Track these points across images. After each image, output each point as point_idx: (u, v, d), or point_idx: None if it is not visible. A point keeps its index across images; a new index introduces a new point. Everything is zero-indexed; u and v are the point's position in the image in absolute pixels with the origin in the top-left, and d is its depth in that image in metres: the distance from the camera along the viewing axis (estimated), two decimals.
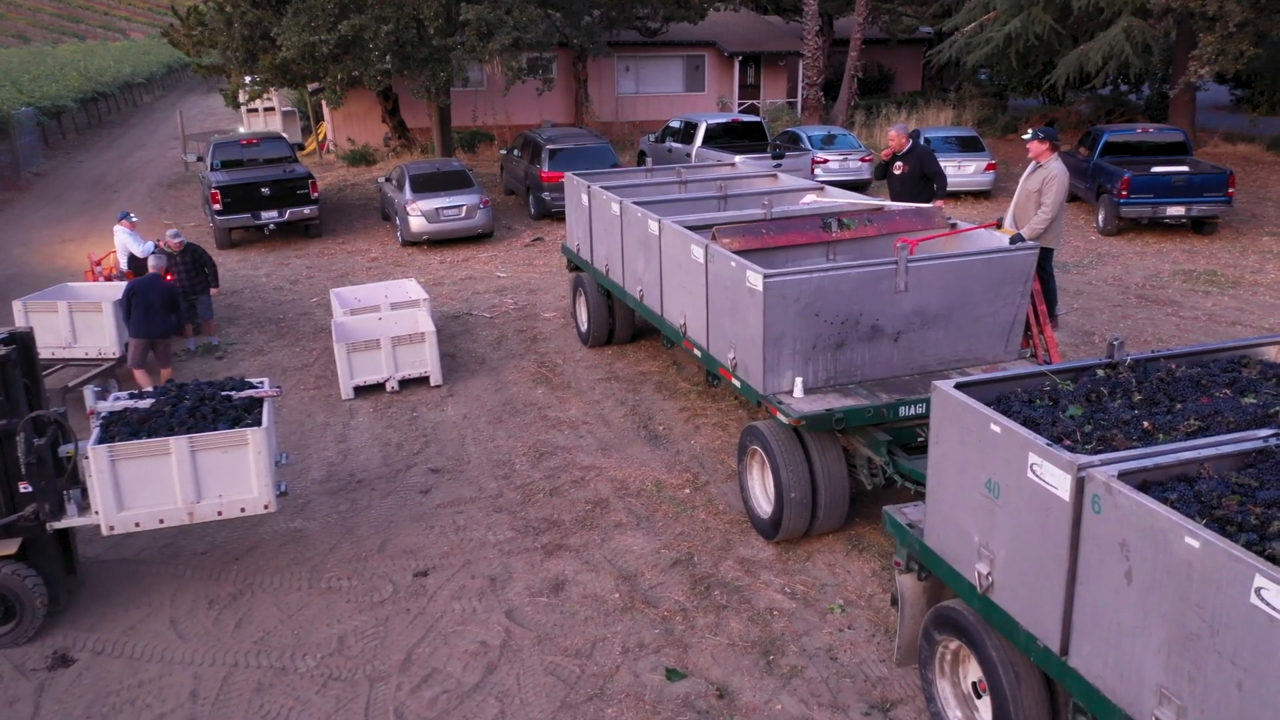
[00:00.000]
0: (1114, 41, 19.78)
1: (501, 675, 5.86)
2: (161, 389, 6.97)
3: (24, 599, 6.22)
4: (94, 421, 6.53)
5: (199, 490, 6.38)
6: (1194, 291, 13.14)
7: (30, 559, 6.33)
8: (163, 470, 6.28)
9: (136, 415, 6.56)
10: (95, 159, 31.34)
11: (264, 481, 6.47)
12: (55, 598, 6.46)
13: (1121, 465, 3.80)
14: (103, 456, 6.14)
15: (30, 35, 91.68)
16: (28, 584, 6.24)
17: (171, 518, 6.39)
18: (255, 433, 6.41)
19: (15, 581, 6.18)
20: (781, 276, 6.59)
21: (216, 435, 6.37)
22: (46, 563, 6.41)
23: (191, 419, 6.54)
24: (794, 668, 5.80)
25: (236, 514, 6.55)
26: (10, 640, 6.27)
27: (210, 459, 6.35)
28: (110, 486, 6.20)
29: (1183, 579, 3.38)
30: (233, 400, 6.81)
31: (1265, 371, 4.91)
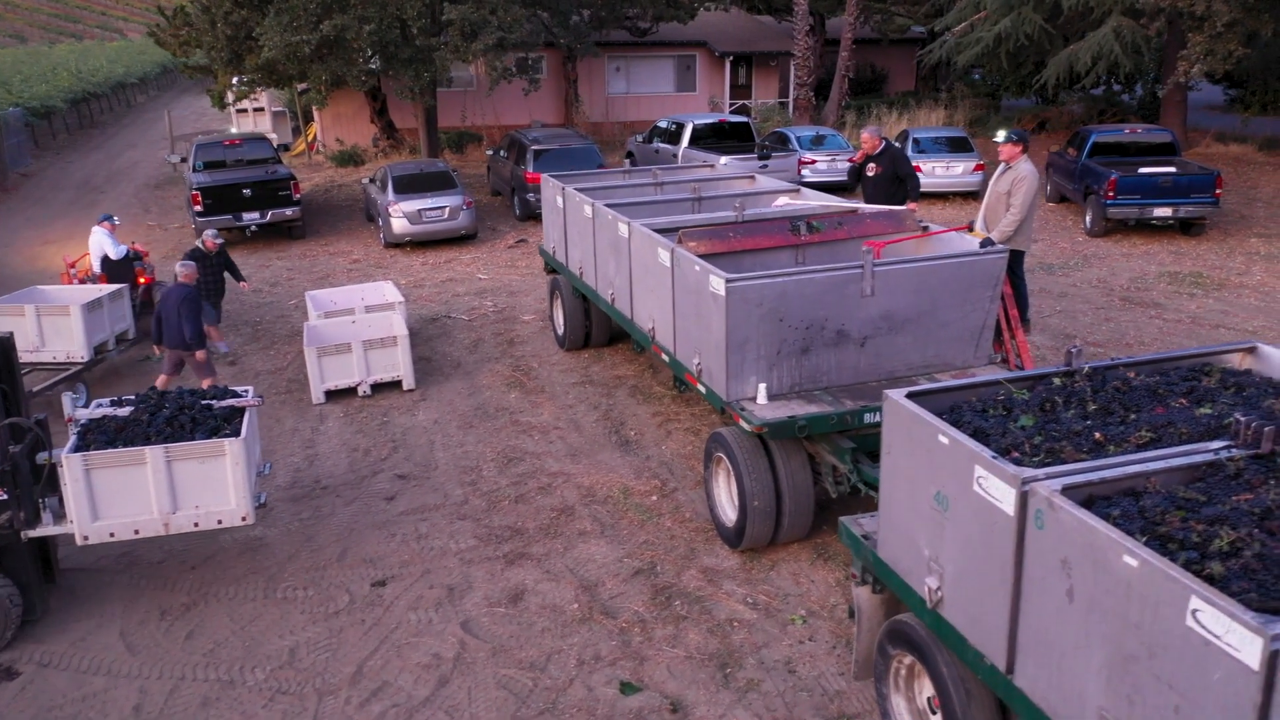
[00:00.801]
0: (1103, 41, 19.67)
1: (453, 688, 5.74)
2: (143, 396, 6.86)
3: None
4: (72, 429, 6.44)
5: (175, 501, 6.27)
6: (1179, 294, 13.02)
7: (5, 567, 6.25)
8: (138, 480, 6.17)
9: (114, 423, 6.46)
10: (85, 160, 31.22)
11: (242, 493, 6.35)
12: (31, 606, 6.37)
13: (1066, 479, 3.68)
14: (77, 465, 6.04)
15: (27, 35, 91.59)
16: (1, 592, 6.15)
17: (147, 528, 6.28)
18: (233, 443, 6.28)
19: None
20: (744, 281, 6.47)
21: (193, 445, 6.26)
22: (22, 570, 6.31)
23: (169, 428, 6.43)
24: (751, 681, 5.68)
25: (213, 525, 6.42)
26: None
27: (187, 469, 6.24)
28: (85, 496, 6.10)
29: (1122, 599, 3.26)
30: (213, 410, 6.69)
31: (1225, 380, 4.79)
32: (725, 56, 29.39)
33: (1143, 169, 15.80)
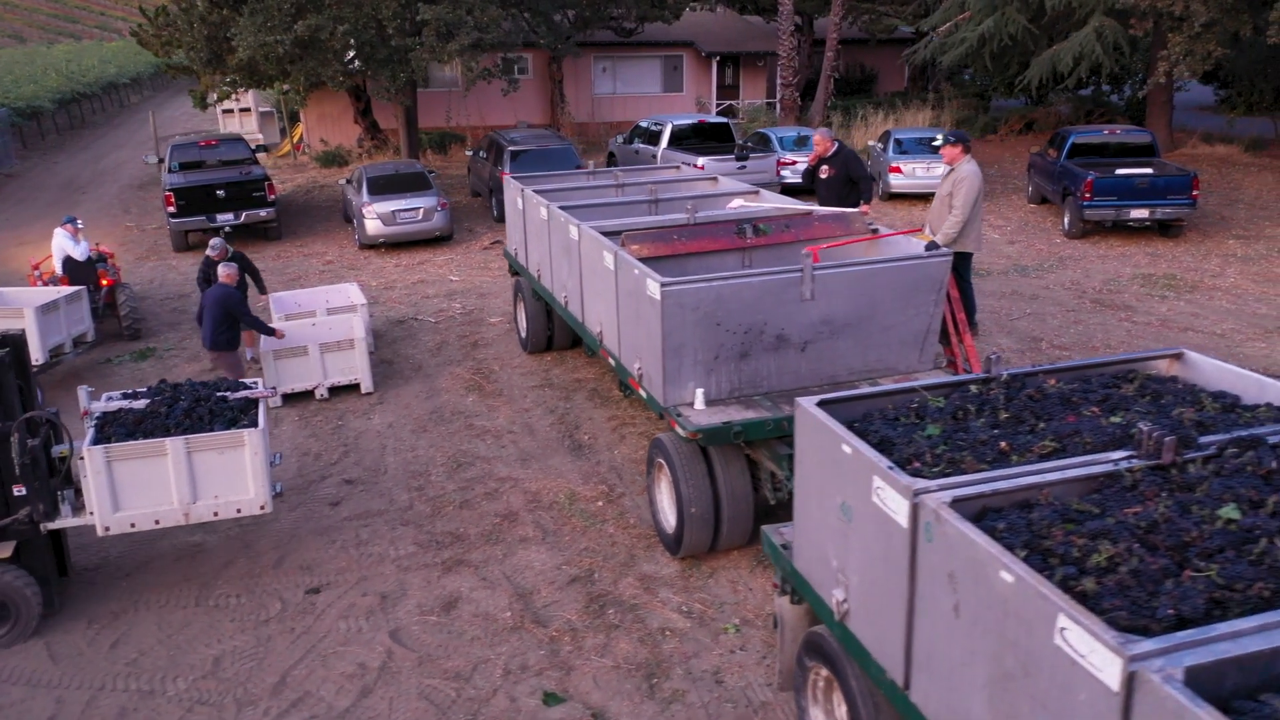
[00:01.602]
0: (1084, 42, 19.57)
1: (375, 699, 5.66)
2: (156, 389, 6.94)
3: (19, 602, 6.19)
4: (88, 422, 6.50)
5: (195, 491, 6.37)
6: (1150, 296, 12.92)
7: (24, 562, 6.31)
8: (159, 471, 6.25)
9: (132, 416, 6.53)
10: (71, 160, 31.16)
11: (260, 482, 6.46)
12: (49, 600, 6.43)
13: (957, 491, 3.59)
14: (99, 457, 6.12)
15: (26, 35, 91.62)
16: (23, 587, 6.19)
17: (167, 518, 6.39)
18: (252, 434, 6.40)
19: (10, 585, 6.15)
20: (679, 285, 6.38)
21: (213, 436, 6.37)
22: (41, 565, 6.39)
23: (188, 420, 6.52)
24: (676, 691, 5.60)
25: (232, 515, 6.54)
26: (6, 642, 6.23)
27: (207, 460, 6.34)
28: (106, 487, 6.19)
29: (999, 615, 3.18)
30: (228, 401, 6.78)
31: (1144, 388, 4.70)
32: (712, 57, 29.30)
33: (1120, 170, 15.71)
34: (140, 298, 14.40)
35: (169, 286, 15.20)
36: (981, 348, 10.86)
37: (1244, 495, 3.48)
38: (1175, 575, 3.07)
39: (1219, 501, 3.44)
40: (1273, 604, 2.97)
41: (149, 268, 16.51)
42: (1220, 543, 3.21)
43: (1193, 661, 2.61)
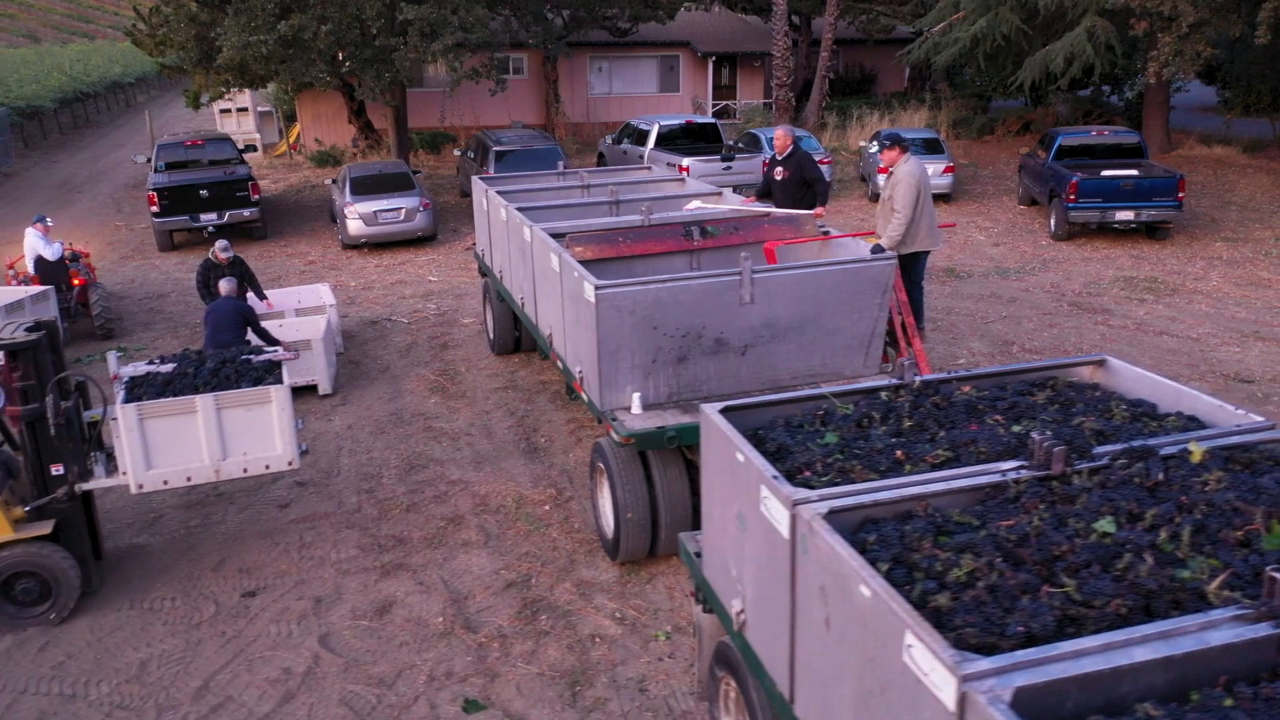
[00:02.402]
0: (1075, 42, 19.40)
1: (296, 705, 5.61)
2: (182, 354, 7.12)
3: (60, 579, 6.34)
4: (117, 386, 6.65)
5: (225, 448, 6.51)
6: (1130, 299, 12.78)
7: (64, 541, 6.44)
8: (190, 428, 6.40)
9: (161, 378, 6.67)
10: (71, 159, 31.29)
11: (288, 439, 6.58)
12: (87, 579, 6.58)
13: (834, 502, 3.52)
14: (131, 415, 6.26)
15: (40, 35, 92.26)
16: (63, 564, 6.32)
17: (199, 475, 6.55)
18: (279, 390, 6.55)
19: (52, 561, 6.30)
20: (614, 288, 6.31)
21: (242, 393, 6.51)
22: (79, 545, 6.53)
23: (215, 379, 6.66)
24: (599, 700, 5.53)
25: (261, 471, 6.69)
26: (48, 619, 6.37)
27: (235, 417, 6.49)
28: (139, 445, 6.31)
29: (860, 630, 3.10)
30: (253, 363, 6.92)
31: (1056, 396, 4.61)
32: (708, 57, 29.20)
33: (1105, 172, 15.56)
34: (119, 297, 14.45)
35: (149, 286, 15.21)
36: (952, 351, 10.78)
37: (1124, 508, 3.39)
38: (1035, 591, 2.99)
39: (1097, 514, 3.36)
40: (1129, 621, 2.89)
41: (132, 267, 16.53)
42: (1088, 557, 3.12)
43: (1025, 682, 2.53)
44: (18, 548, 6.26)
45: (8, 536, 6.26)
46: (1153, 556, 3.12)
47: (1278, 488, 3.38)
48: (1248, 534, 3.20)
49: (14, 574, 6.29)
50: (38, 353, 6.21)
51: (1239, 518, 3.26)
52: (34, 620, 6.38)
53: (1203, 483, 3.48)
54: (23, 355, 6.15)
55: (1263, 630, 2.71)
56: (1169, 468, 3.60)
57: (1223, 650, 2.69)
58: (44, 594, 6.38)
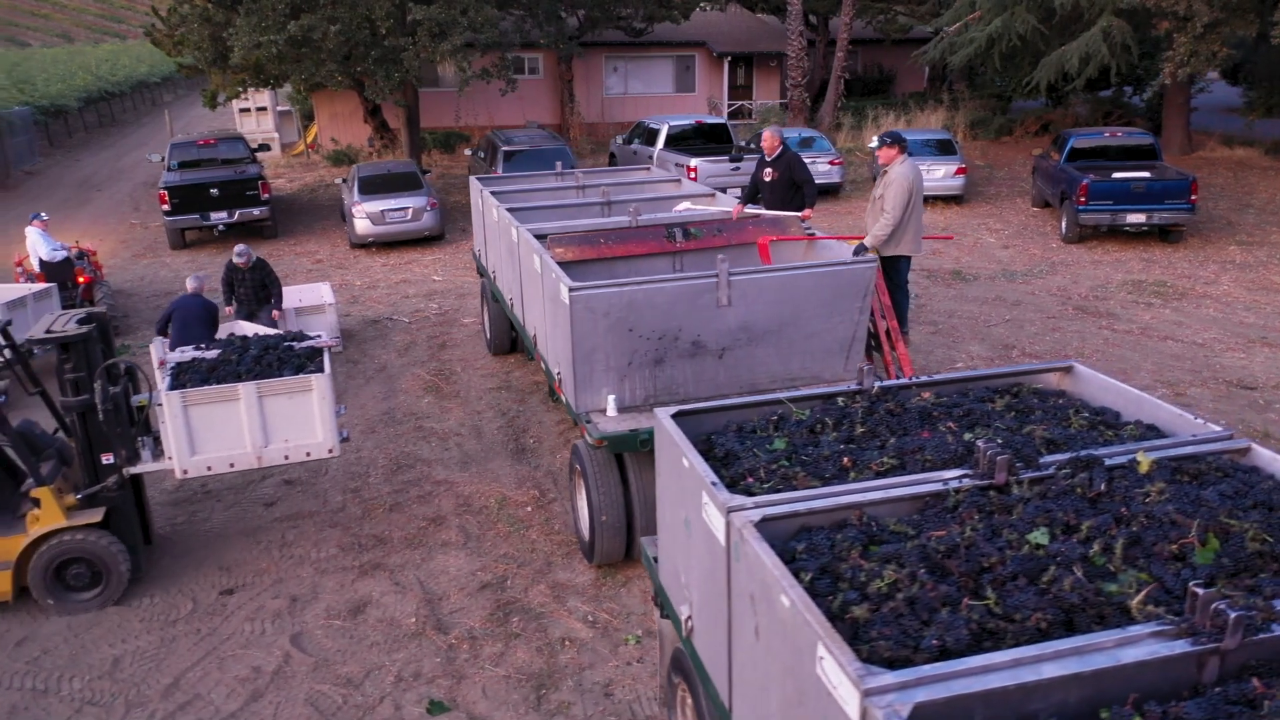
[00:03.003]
0: (1090, 42, 19.16)
1: (263, 704, 5.63)
2: (227, 340, 7.20)
3: (110, 565, 6.51)
4: (163, 372, 6.74)
5: (267, 435, 6.56)
6: (1136, 303, 12.61)
7: (115, 528, 6.59)
8: (232, 415, 6.48)
9: (205, 364, 6.75)
10: (94, 158, 31.67)
11: (328, 426, 6.64)
12: (137, 565, 6.74)
13: (768, 509, 3.48)
14: (176, 402, 6.34)
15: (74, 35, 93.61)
16: (113, 551, 6.48)
17: (241, 461, 6.62)
18: (319, 379, 6.58)
19: (102, 548, 6.46)
20: (588, 289, 6.29)
21: (283, 381, 6.57)
22: (129, 532, 6.69)
23: (257, 367, 6.72)
24: (563, 704, 5.51)
25: (302, 458, 6.74)
26: (97, 603, 6.53)
27: (277, 404, 6.55)
28: (183, 431, 6.39)
29: (782, 640, 3.06)
30: (295, 350, 6.98)
31: (1018, 403, 4.54)
32: (724, 57, 29.11)
33: (1116, 174, 15.36)
34: (127, 294, 14.60)
35: (158, 284, 15.35)
36: (951, 355, 10.68)
37: (1060, 519, 3.33)
38: (956, 603, 2.94)
39: (1032, 525, 3.30)
40: (1050, 636, 2.83)
41: (143, 265, 16.70)
42: (1015, 569, 3.07)
43: (926, 698, 2.49)
44: (69, 534, 6.43)
45: (60, 523, 6.42)
46: (1082, 570, 3.07)
47: (1220, 500, 3.30)
48: (1183, 548, 3.13)
49: (66, 560, 6.46)
50: (88, 345, 6.38)
51: (1175, 531, 3.19)
52: (84, 605, 6.53)
53: (1145, 494, 3.41)
54: (74, 348, 6.31)
55: (1180, 647, 2.65)
56: (1113, 478, 3.54)
57: (1137, 667, 2.63)
58: (94, 580, 6.55)
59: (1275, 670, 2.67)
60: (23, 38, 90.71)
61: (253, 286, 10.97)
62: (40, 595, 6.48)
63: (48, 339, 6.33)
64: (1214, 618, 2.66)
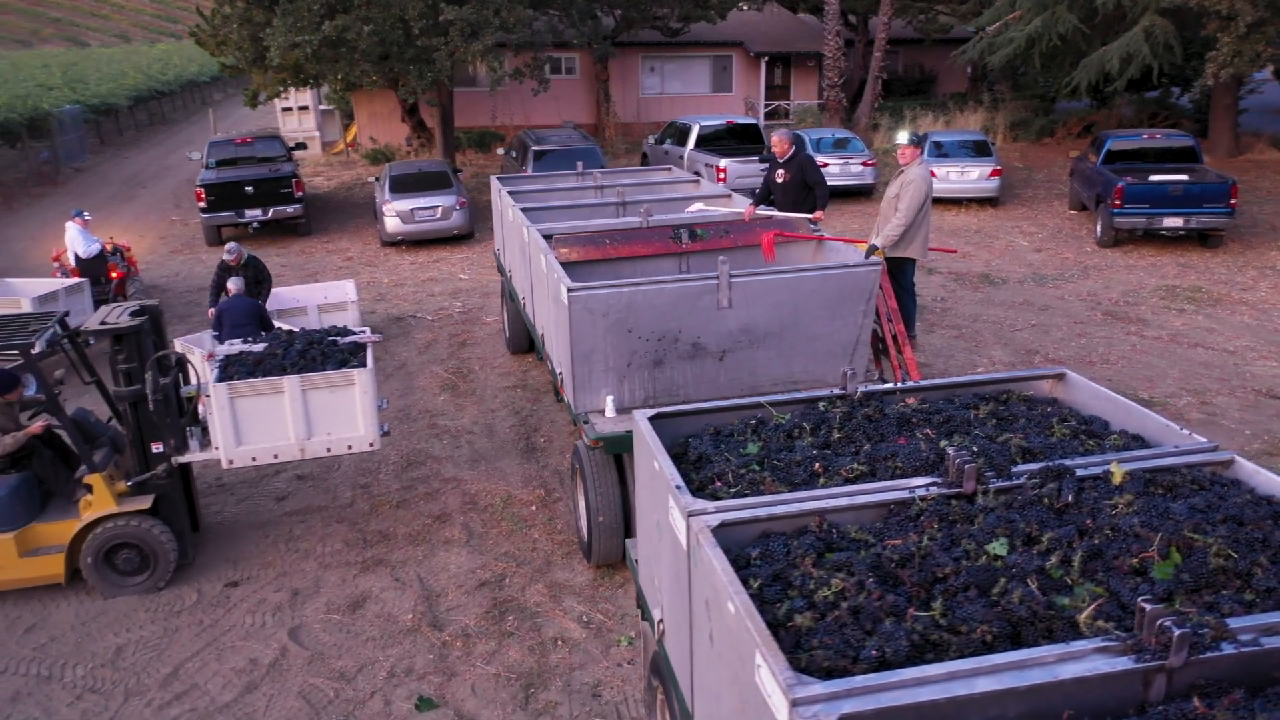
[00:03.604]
0: (1132, 42, 18.78)
1: (257, 695, 5.71)
2: (273, 334, 7.41)
3: (157, 550, 6.72)
4: (212, 364, 6.96)
5: (310, 428, 6.71)
6: (1168, 309, 12.34)
7: (162, 515, 6.80)
8: (277, 408, 6.63)
9: (252, 358, 6.95)
10: (142, 155, 32.32)
11: (370, 420, 6.77)
12: (184, 551, 6.93)
13: (726, 515, 3.46)
14: (223, 393, 6.51)
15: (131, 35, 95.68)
16: (161, 537, 6.69)
17: (285, 453, 6.77)
18: (362, 373, 6.72)
19: (150, 534, 6.67)
20: (587, 290, 6.30)
21: (326, 375, 6.74)
22: (177, 519, 6.88)
23: (302, 361, 6.90)
24: (550, 704, 5.52)
25: (344, 451, 6.89)
26: (145, 587, 6.74)
27: (320, 398, 6.70)
28: (230, 422, 6.57)
29: (729, 646, 3.04)
30: (339, 345, 7.16)
31: (1001, 410, 4.46)
32: (761, 57, 28.96)
33: (1153, 176, 15.03)
34: (161, 290, 14.88)
35: (192, 280, 15.63)
36: (972, 359, 10.53)
37: (1022, 530, 3.27)
38: (901, 614, 2.90)
39: (992, 535, 3.24)
40: (994, 649, 2.78)
41: (179, 261, 17.02)
42: (968, 580, 3.02)
43: (853, 709, 2.45)
44: (120, 520, 6.63)
45: (110, 509, 6.62)
46: (1038, 582, 3.01)
47: (1189, 514, 3.22)
48: (1144, 562, 3.06)
49: (116, 545, 6.66)
50: (140, 337, 6.57)
51: (1138, 544, 3.12)
52: (133, 589, 6.73)
53: (1112, 506, 3.34)
54: (127, 339, 6.50)
55: (1122, 664, 2.59)
56: (1083, 489, 3.47)
57: (1077, 684, 2.57)
58: (143, 564, 6.76)
59: (1224, 690, 2.60)
60: (83, 38, 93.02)
61: (245, 284, 11.14)
62: (91, 578, 6.69)
63: (102, 330, 6.53)
64: (1159, 635, 2.59)
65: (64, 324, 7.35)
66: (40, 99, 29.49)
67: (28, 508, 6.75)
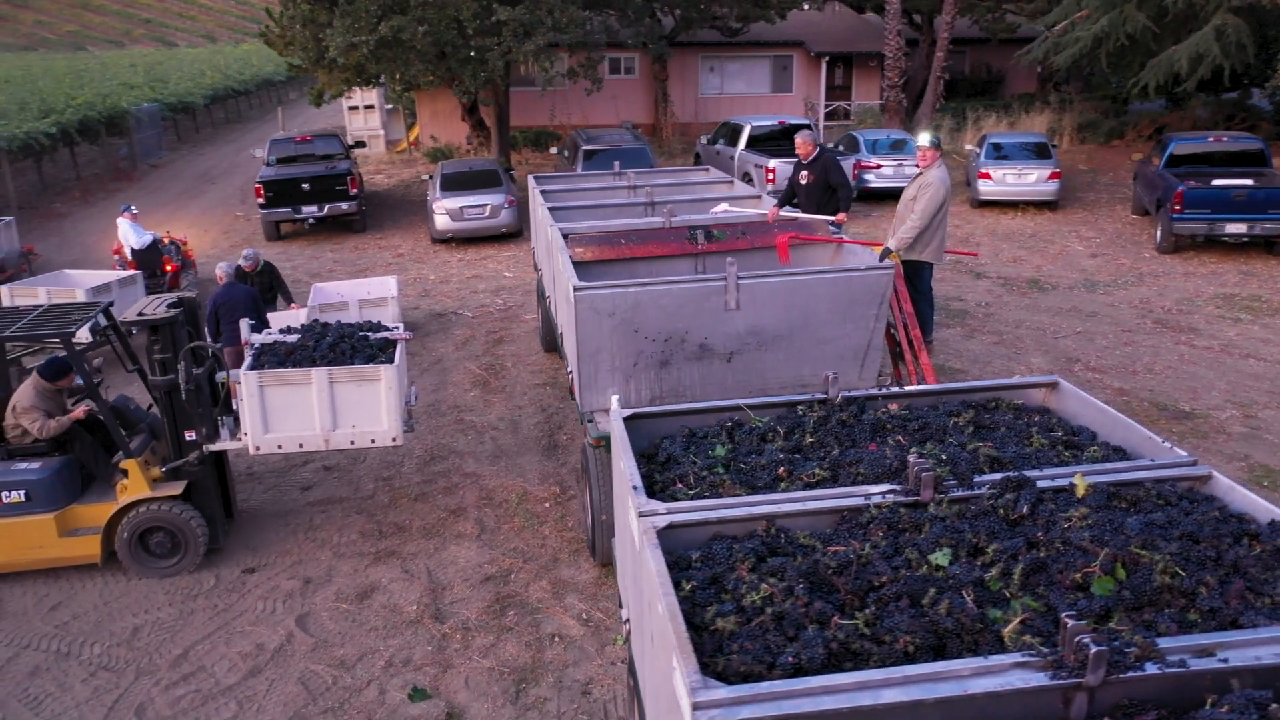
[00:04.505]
0: (1201, 42, 18.15)
1: (259, 679, 5.86)
2: (308, 326, 7.61)
3: (188, 535, 6.98)
4: (248, 352, 7.19)
5: (335, 419, 6.85)
6: (1223, 318, 11.91)
7: (195, 501, 7.08)
8: (304, 398, 6.79)
9: (284, 348, 7.15)
10: (216, 152, 33.29)
11: (393, 416, 6.88)
12: (215, 536, 7.19)
13: (674, 516, 3.46)
14: (253, 381, 6.70)
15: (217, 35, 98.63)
16: (191, 522, 6.96)
17: (310, 443, 6.91)
18: (387, 369, 6.85)
19: (181, 519, 6.94)
20: (593, 289, 6.33)
21: (353, 369, 6.89)
22: (208, 504, 7.14)
23: (332, 353, 7.05)
24: (540, 699, 5.57)
25: (367, 444, 7.01)
26: (175, 570, 7.01)
27: (346, 391, 6.85)
28: (258, 410, 6.74)
29: (661, 647, 3.04)
30: (370, 340, 7.34)
31: (986, 419, 4.37)
32: (821, 57, 28.68)
33: (1216, 180, 14.52)
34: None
35: None
36: (1010, 366, 10.31)
37: (969, 540, 3.21)
38: (826, 622, 2.87)
39: (937, 545, 3.19)
40: (915, 660, 2.73)
41: (238, 255, 17.47)
42: (901, 590, 2.97)
43: (751, 715, 2.44)
44: (153, 505, 6.88)
45: (144, 494, 6.88)
46: (974, 594, 2.95)
47: (1143, 529, 3.12)
48: (1087, 577, 2.98)
49: (149, 528, 6.93)
50: (174, 328, 6.80)
51: (1084, 559, 3.04)
52: (164, 571, 6.99)
53: (1067, 519, 3.26)
54: (162, 330, 6.74)
55: (1037, 680, 2.53)
56: (1041, 501, 3.39)
57: (990, 699, 2.52)
58: (174, 548, 7.00)
59: (1144, 710, 2.52)
60: (171, 38, 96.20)
61: (260, 290, 11.24)
62: (125, 559, 6.96)
63: (139, 321, 6.77)
64: (1077, 651, 2.52)
65: (108, 314, 7.62)
66: (120, 97, 30.55)
67: (68, 490, 7.04)
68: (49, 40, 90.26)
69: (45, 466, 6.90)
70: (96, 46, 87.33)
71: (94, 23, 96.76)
